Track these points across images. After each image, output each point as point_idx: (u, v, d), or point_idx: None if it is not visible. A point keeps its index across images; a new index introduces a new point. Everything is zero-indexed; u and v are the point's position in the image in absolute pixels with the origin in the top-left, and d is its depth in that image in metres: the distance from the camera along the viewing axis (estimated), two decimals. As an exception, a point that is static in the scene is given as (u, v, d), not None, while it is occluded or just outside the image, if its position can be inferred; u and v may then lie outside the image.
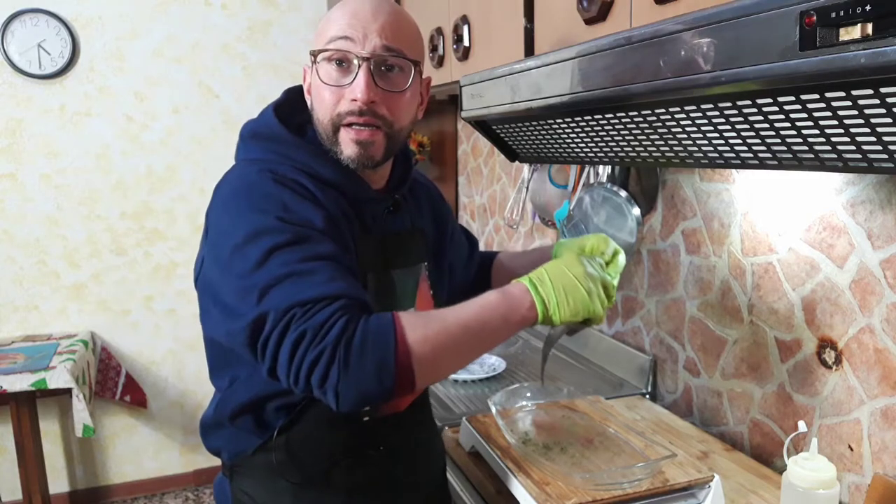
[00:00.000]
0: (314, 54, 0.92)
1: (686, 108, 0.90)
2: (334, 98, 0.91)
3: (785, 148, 0.85)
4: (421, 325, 0.81)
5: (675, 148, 1.03)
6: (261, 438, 0.98)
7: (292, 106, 1.01)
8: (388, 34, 0.90)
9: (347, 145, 0.92)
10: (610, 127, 1.10)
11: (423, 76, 1.01)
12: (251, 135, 0.99)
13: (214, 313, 0.89)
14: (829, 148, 0.79)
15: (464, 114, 1.34)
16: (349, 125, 0.91)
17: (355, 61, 0.89)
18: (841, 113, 0.72)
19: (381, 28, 0.90)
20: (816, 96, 0.71)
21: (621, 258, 1.02)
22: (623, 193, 1.59)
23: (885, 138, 0.72)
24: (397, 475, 1.05)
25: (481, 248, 2.61)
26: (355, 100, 0.89)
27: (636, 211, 1.57)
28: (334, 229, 0.89)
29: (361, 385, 0.77)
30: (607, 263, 1.00)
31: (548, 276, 0.89)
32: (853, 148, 0.77)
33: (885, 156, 0.74)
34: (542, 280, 0.88)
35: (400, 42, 0.91)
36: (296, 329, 0.77)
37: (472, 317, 0.84)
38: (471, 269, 1.29)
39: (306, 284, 0.79)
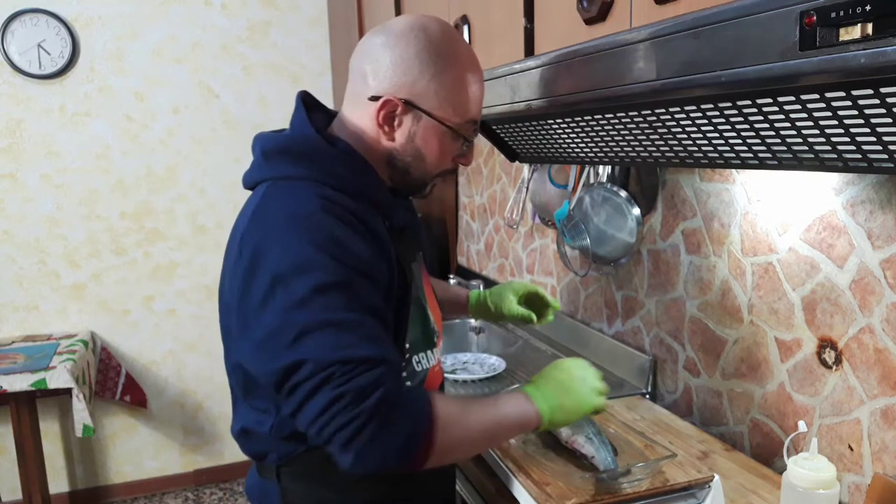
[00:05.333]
0: (448, 124, 0.95)
1: (686, 108, 0.90)
2: (447, 158, 1.01)
3: (785, 148, 0.85)
4: (449, 413, 0.86)
5: (675, 148, 1.03)
6: None
7: (311, 115, 0.99)
8: None
9: (431, 188, 1.05)
10: (610, 127, 1.11)
11: None
12: (281, 150, 0.95)
13: (242, 340, 0.89)
14: (829, 148, 0.79)
15: (464, 114, 1.34)
16: (442, 176, 1.04)
17: (472, 137, 1.02)
18: (841, 113, 0.72)
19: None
20: (816, 96, 0.71)
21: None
22: (623, 193, 1.59)
23: (885, 138, 0.72)
24: None
25: (482, 248, 2.63)
26: (465, 164, 1.04)
27: (636, 211, 1.57)
28: (379, 262, 0.90)
29: (384, 455, 0.80)
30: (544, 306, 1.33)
31: (546, 387, 0.99)
32: (853, 148, 0.77)
33: (885, 156, 0.75)
34: (543, 393, 0.98)
35: None
36: (334, 388, 0.78)
37: (491, 422, 0.93)
38: None
39: (348, 339, 0.80)
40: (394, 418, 0.80)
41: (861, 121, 0.71)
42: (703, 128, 0.93)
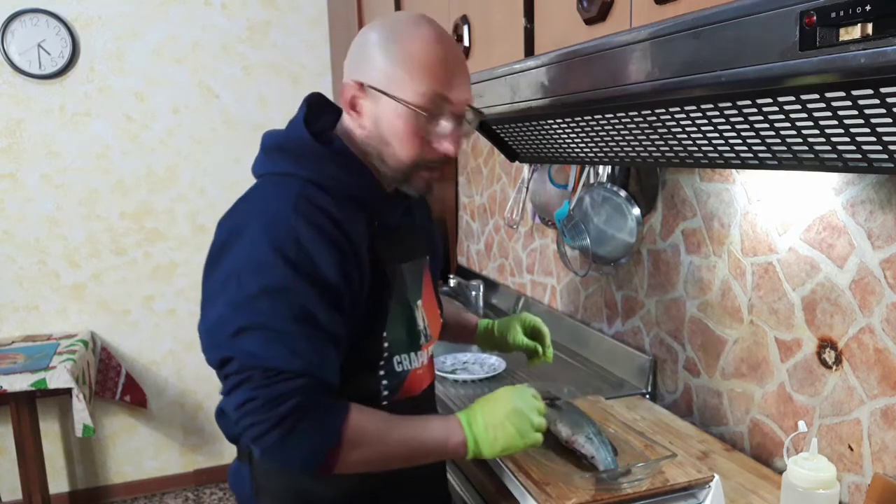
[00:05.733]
0: (405, 101, 0.90)
1: (686, 108, 0.90)
2: (424, 145, 0.94)
3: (785, 148, 0.85)
4: (364, 432, 0.89)
5: (675, 148, 1.03)
6: None
7: (313, 115, 1.02)
8: (469, 89, 0.96)
9: (419, 182, 0.98)
10: (610, 127, 1.11)
11: None
12: (277, 147, 0.99)
13: (201, 322, 0.93)
14: (829, 148, 0.79)
15: (464, 114, 1.34)
16: (429, 168, 0.97)
17: (449, 119, 0.94)
18: (841, 113, 0.72)
19: (467, 83, 0.96)
20: (816, 96, 0.71)
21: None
22: (623, 193, 1.59)
23: (885, 138, 0.72)
24: None
25: (482, 248, 2.63)
26: (447, 153, 0.95)
27: (636, 211, 1.57)
28: (342, 270, 0.90)
29: (286, 460, 0.86)
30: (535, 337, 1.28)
31: (481, 416, 0.96)
32: (853, 148, 0.77)
33: (885, 156, 0.75)
34: (475, 422, 0.95)
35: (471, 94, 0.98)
36: (249, 391, 0.84)
37: (414, 442, 0.94)
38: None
39: (277, 347, 0.84)
40: (301, 430, 0.84)
41: (861, 121, 0.71)
42: (703, 128, 0.93)
